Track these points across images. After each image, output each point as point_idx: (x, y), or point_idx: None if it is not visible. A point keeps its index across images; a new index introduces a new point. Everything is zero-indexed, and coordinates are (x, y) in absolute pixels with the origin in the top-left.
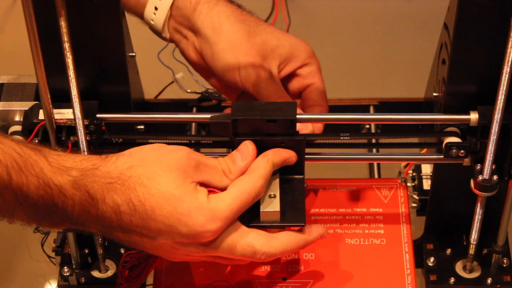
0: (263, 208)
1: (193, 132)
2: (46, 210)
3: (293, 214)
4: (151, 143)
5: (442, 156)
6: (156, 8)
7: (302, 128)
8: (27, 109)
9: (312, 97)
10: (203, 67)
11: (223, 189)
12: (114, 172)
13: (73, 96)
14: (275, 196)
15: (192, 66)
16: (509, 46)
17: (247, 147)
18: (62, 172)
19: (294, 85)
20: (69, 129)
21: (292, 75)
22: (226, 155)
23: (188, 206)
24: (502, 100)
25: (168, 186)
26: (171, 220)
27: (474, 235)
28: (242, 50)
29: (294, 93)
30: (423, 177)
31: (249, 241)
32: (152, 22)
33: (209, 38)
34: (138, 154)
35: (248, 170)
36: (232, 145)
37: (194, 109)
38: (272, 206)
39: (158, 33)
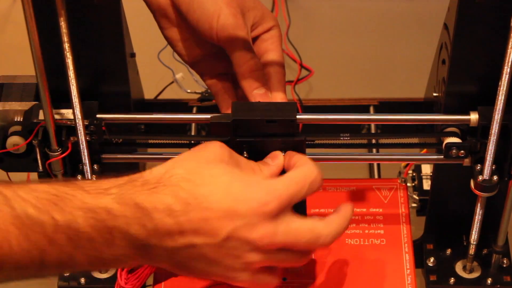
0: None
1: (193, 132)
2: (104, 241)
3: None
4: (151, 143)
5: (442, 157)
6: None
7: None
8: (27, 109)
9: (272, 59)
10: (167, 13)
11: None
12: (152, 179)
13: (73, 96)
14: None
15: (154, 11)
16: (509, 46)
17: (277, 155)
18: (102, 194)
19: (256, 48)
20: (69, 129)
21: (256, 38)
22: None
23: (240, 185)
24: (502, 101)
25: (213, 173)
26: (228, 203)
27: (474, 235)
28: (224, 2)
29: None
30: (423, 177)
31: (310, 225)
32: None
33: None
34: (171, 160)
35: (298, 164)
36: (232, 146)
37: (194, 109)
38: None
39: None
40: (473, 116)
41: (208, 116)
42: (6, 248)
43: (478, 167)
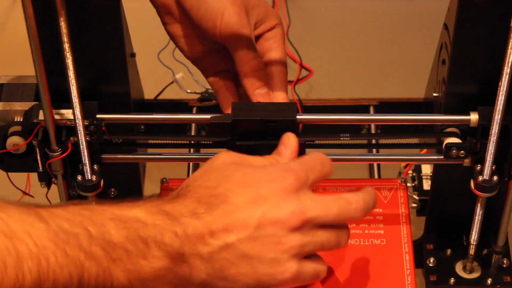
0: None
1: (193, 133)
2: (140, 253)
3: None
4: (151, 143)
5: (442, 157)
6: None
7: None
8: (27, 109)
9: (274, 57)
10: (171, 9)
11: None
12: (172, 195)
13: (73, 97)
14: None
15: (157, 7)
16: (509, 46)
17: (288, 137)
18: (131, 207)
19: (259, 47)
20: (69, 129)
21: (259, 37)
22: None
23: (255, 174)
24: (502, 101)
25: (226, 174)
26: (247, 192)
27: (474, 236)
28: (229, 1)
29: None
30: (423, 177)
31: (336, 196)
32: None
33: None
34: (186, 179)
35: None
36: (232, 146)
37: (194, 109)
38: None
39: None
40: (473, 116)
41: (208, 116)
42: (44, 265)
43: (478, 167)
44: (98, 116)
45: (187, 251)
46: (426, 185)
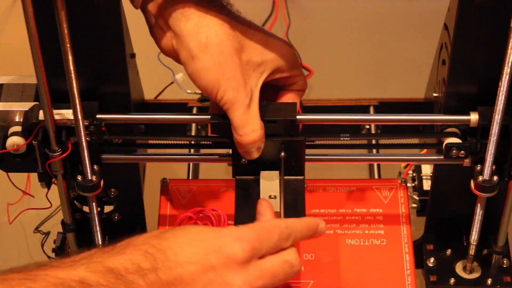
0: None
1: (193, 133)
2: None
3: (293, 215)
4: (151, 143)
5: (442, 157)
6: None
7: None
8: (27, 109)
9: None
10: (174, 57)
11: None
12: (122, 243)
13: (73, 97)
14: (275, 197)
15: (161, 50)
16: (509, 46)
17: (261, 204)
18: (74, 266)
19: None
20: (69, 129)
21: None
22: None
23: (209, 234)
24: (502, 101)
25: (184, 228)
26: (197, 255)
27: (474, 236)
28: (225, 73)
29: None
30: (423, 177)
31: (282, 259)
32: None
33: (192, 51)
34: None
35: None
36: (232, 146)
37: (194, 109)
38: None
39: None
40: (473, 117)
41: (208, 116)
42: None
43: (478, 168)
44: (98, 116)
45: None
46: (426, 185)
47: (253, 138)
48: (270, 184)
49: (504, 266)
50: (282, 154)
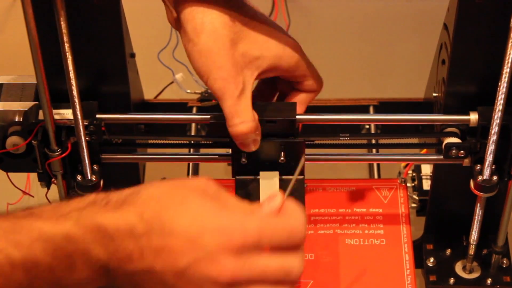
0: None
1: (192, 133)
2: (65, 268)
3: None
4: (151, 143)
5: (442, 157)
6: None
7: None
8: (26, 109)
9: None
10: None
11: None
12: (118, 199)
13: (72, 96)
14: None
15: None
16: (509, 46)
17: (275, 195)
18: (61, 220)
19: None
20: (69, 129)
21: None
22: (225, 155)
23: (211, 215)
24: (501, 101)
25: (186, 197)
26: (192, 230)
27: (473, 236)
28: (216, 62)
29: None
30: (423, 177)
31: (279, 263)
32: None
33: (188, 34)
34: (147, 183)
35: (286, 212)
36: (232, 146)
37: (194, 109)
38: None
39: None
40: (473, 116)
41: (208, 116)
42: None
43: (478, 167)
44: (97, 116)
45: (113, 266)
46: (426, 185)
47: (242, 129)
48: (269, 185)
49: (504, 266)
50: (282, 155)
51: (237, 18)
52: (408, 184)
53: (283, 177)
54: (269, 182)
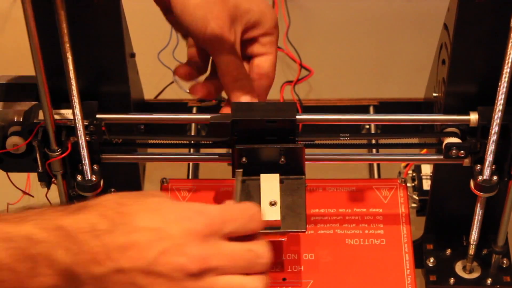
0: (264, 218)
1: (192, 133)
2: (28, 271)
3: (294, 219)
4: (151, 143)
5: (442, 157)
6: None
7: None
8: (26, 109)
9: (263, 67)
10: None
11: None
12: (75, 205)
13: (72, 97)
14: (275, 203)
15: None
16: (509, 46)
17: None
18: (22, 222)
19: (250, 50)
20: (69, 129)
21: (251, 40)
22: (225, 155)
23: (171, 206)
24: (502, 101)
25: (146, 196)
26: (156, 223)
27: (474, 236)
28: (214, 12)
29: (246, 56)
30: (423, 177)
31: (246, 247)
32: None
33: None
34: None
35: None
36: (231, 146)
37: (194, 109)
38: (273, 215)
39: None
40: (473, 116)
41: (208, 116)
42: None
43: (478, 167)
44: (98, 116)
45: (79, 270)
46: (426, 185)
47: (238, 72)
48: (270, 187)
49: (504, 266)
50: (282, 158)
51: None
52: (408, 184)
53: (284, 178)
54: (269, 184)
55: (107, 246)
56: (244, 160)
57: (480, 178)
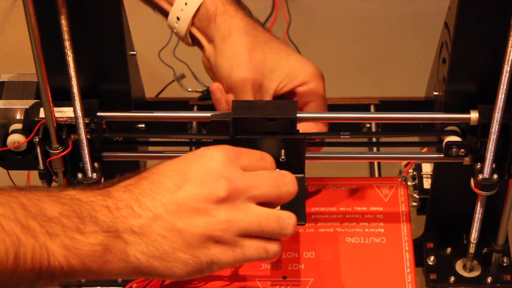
0: None
1: (193, 131)
2: (75, 227)
3: (294, 212)
4: (152, 141)
5: (442, 155)
6: (178, 19)
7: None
8: (27, 107)
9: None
10: (211, 70)
11: None
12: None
13: (73, 95)
14: None
15: (206, 71)
16: (510, 45)
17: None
18: (65, 190)
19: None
20: (70, 127)
21: (292, 94)
22: None
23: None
24: (502, 99)
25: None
26: (178, 166)
27: (474, 234)
28: (239, 61)
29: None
30: (424, 176)
31: (268, 171)
32: (174, 30)
33: (217, 46)
34: None
35: None
36: (232, 143)
37: (195, 107)
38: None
39: (180, 38)
40: (473, 115)
41: (209, 114)
42: None
43: (478, 166)
44: (98, 114)
45: (120, 226)
46: (427, 184)
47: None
48: None
49: (504, 264)
50: (282, 153)
51: (258, 32)
52: (409, 183)
53: None
54: None
55: (137, 196)
56: None
57: (480, 176)
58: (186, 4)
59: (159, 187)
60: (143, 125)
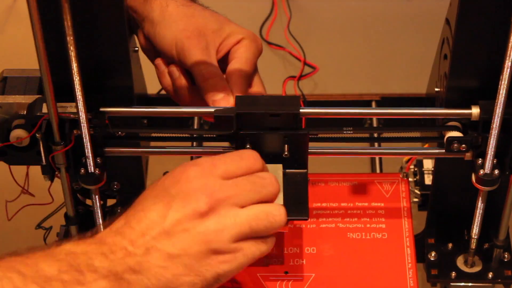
0: None
1: (195, 126)
2: (75, 280)
3: (296, 207)
4: (154, 136)
5: (444, 151)
6: None
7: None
8: (30, 102)
9: (236, 53)
10: (150, 49)
11: None
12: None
13: (76, 90)
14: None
15: (143, 51)
16: (510, 40)
17: None
18: (61, 243)
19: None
20: (72, 122)
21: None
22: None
23: (168, 175)
24: (503, 95)
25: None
26: (159, 194)
27: (475, 230)
28: (180, 26)
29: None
30: (425, 172)
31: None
32: None
33: (154, 20)
34: None
35: None
36: (235, 139)
37: None
38: (276, 201)
39: None
40: (475, 110)
41: (211, 109)
42: None
43: (480, 161)
44: (101, 109)
45: (119, 268)
46: (428, 180)
47: (208, 71)
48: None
49: (505, 260)
50: (285, 148)
51: (196, 6)
52: (410, 179)
53: (287, 170)
54: (273, 173)
55: (129, 236)
56: (248, 147)
57: (481, 172)
58: None
59: (146, 223)
60: (145, 121)
